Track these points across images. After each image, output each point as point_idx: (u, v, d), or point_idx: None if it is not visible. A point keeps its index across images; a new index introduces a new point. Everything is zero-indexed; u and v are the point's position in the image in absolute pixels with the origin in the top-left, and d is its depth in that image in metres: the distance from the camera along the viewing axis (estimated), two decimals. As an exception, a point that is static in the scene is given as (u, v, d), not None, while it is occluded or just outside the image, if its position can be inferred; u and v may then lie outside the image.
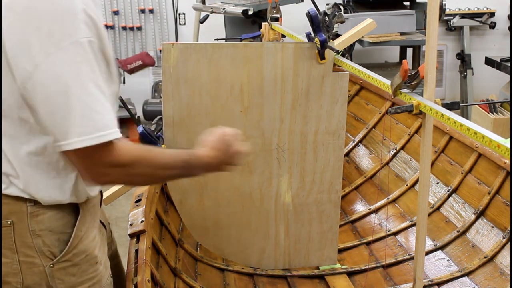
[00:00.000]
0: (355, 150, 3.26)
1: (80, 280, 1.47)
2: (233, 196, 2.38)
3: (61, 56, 1.23)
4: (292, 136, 2.32)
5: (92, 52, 1.26)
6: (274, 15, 3.06)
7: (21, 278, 1.41)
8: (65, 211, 1.45)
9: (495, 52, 5.47)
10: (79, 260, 1.47)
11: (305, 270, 2.49)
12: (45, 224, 1.41)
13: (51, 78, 1.23)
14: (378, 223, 2.82)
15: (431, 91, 1.67)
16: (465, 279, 2.30)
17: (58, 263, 1.43)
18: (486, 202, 2.44)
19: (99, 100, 1.27)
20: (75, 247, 1.45)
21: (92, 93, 1.26)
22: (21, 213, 1.39)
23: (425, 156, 1.74)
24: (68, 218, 1.45)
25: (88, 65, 1.26)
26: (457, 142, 2.70)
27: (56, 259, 1.43)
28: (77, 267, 1.46)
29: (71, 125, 1.25)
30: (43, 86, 1.24)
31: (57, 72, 1.23)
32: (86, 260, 1.48)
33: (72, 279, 1.45)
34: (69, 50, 1.23)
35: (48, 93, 1.24)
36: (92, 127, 1.26)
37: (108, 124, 1.28)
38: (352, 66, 2.15)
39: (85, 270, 1.48)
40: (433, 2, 1.61)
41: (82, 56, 1.24)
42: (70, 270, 1.45)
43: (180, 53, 2.16)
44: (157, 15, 5.60)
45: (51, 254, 1.43)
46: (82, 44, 1.24)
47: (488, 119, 4.55)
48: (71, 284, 1.46)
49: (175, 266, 2.15)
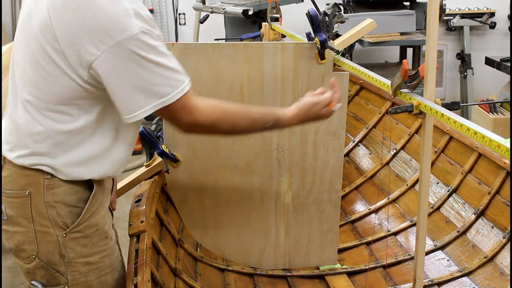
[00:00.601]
0: (355, 150, 3.26)
1: (91, 252, 1.56)
2: (233, 196, 2.38)
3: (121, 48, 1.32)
4: (292, 136, 2.32)
5: (148, 38, 1.35)
6: (274, 15, 3.06)
7: (36, 246, 1.52)
8: (79, 187, 1.53)
9: (495, 52, 5.47)
10: (90, 232, 1.55)
11: (305, 270, 2.49)
12: (59, 197, 1.50)
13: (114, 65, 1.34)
14: (378, 223, 2.82)
15: (431, 91, 1.67)
16: (465, 279, 2.30)
17: (70, 233, 1.52)
18: (486, 202, 2.44)
19: (165, 63, 1.38)
20: (86, 219, 1.54)
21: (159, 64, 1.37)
22: (38, 184, 1.49)
23: (425, 156, 1.74)
24: (81, 194, 1.54)
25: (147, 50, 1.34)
26: (457, 142, 2.70)
27: (69, 229, 1.52)
28: (88, 239, 1.55)
29: (146, 96, 1.38)
30: (108, 68, 1.35)
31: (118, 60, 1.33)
32: (97, 234, 1.57)
33: (83, 249, 1.54)
34: (124, 43, 1.32)
35: (115, 74, 1.35)
36: (169, 87, 1.39)
37: (179, 79, 1.41)
38: (352, 66, 2.15)
39: (95, 243, 1.57)
40: (433, 2, 1.61)
41: (138, 47, 1.33)
42: (81, 241, 1.54)
43: (180, 53, 2.16)
44: (157, 15, 5.60)
45: (64, 224, 1.52)
46: (136, 38, 1.33)
47: (488, 119, 4.55)
48: (82, 254, 1.55)
49: (175, 266, 2.15)
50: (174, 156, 2.26)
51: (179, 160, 2.28)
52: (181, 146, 2.27)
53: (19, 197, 1.49)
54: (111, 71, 1.34)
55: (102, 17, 1.31)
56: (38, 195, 1.49)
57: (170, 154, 2.24)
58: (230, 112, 1.54)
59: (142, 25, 1.34)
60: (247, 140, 2.31)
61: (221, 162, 2.32)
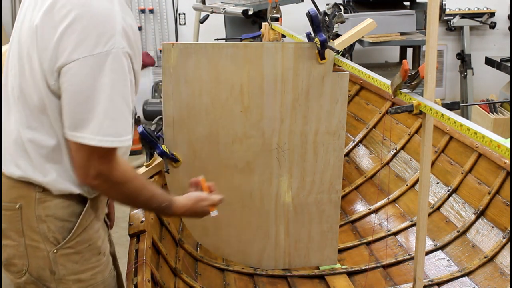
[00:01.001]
0: (355, 150, 3.26)
1: (83, 268, 1.52)
2: (233, 196, 2.38)
3: (96, 60, 1.31)
4: (292, 136, 2.32)
5: (126, 63, 1.35)
6: (274, 15, 3.06)
7: (27, 261, 1.48)
8: (72, 200, 1.49)
9: (495, 52, 5.47)
10: (82, 248, 1.51)
11: (305, 270, 2.49)
12: (51, 211, 1.46)
13: (83, 76, 1.31)
14: (378, 223, 2.82)
15: (431, 91, 1.67)
16: (465, 279, 2.30)
17: (62, 249, 1.48)
18: (486, 202, 2.44)
19: (120, 108, 1.36)
20: (78, 235, 1.50)
21: (116, 101, 1.34)
22: (29, 198, 1.45)
23: (425, 156, 1.74)
24: (74, 208, 1.50)
25: (120, 74, 1.34)
26: (457, 142, 2.70)
27: (60, 245, 1.48)
28: (80, 255, 1.51)
29: (89, 121, 1.32)
30: (74, 78, 1.32)
31: (89, 73, 1.31)
32: (89, 249, 1.53)
33: (75, 266, 1.50)
34: (102, 57, 1.31)
35: (78, 86, 1.32)
36: (106, 131, 1.33)
37: (120, 133, 1.36)
38: (352, 66, 2.15)
39: (87, 259, 1.53)
40: (433, 2, 1.61)
41: (114, 65, 1.32)
42: (72, 257, 1.50)
43: (180, 53, 2.16)
44: (157, 15, 5.60)
45: (55, 240, 1.48)
46: (116, 54, 1.32)
47: (488, 119, 4.55)
48: (73, 271, 1.50)
49: (175, 266, 2.15)
50: (174, 156, 2.26)
51: (179, 160, 2.28)
52: (181, 146, 2.27)
53: (10, 209, 1.46)
54: (76, 81, 1.32)
55: (92, 24, 1.31)
56: (29, 209, 1.45)
57: (170, 154, 2.24)
58: (139, 179, 1.50)
59: (125, 45, 1.34)
60: (247, 140, 2.31)
61: (221, 162, 2.32)
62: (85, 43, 1.30)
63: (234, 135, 2.29)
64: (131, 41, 1.36)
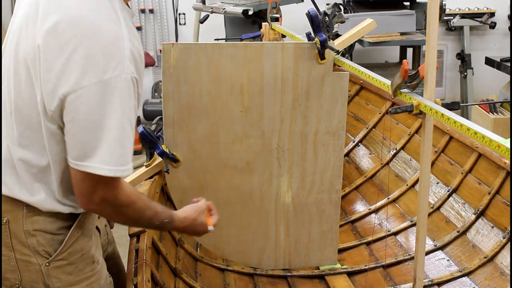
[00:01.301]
0: (355, 150, 3.26)
1: (78, 279, 1.48)
2: (233, 196, 2.38)
3: (105, 86, 1.26)
4: (292, 136, 2.32)
5: (133, 88, 1.31)
6: (274, 15, 3.06)
7: (19, 275, 1.43)
8: (61, 214, 1.45)
9: (495, 52, 5.47)
10: (75, 259, 1.48)
11: (305, 270, 2.49)
12: (39, 225, 1.42)
13: (92, 103, 1.26)
14: (378, 223, 2.82)
15: (431, 91, 1.67)
16: (465, 279, 2.30)
17: (54, 261, 1.44)
18: (486, 202, 2.44)
19: (128, 135, 1.32)
20: (70, 246, 1.46)
21: (125, 128, 1.30)
22: (16, 212, 1.41)
23: (425, 156, 1.74)
24: (63, 221, 1.46)
25: (127, 100, 1.30)
26: (457, 142, 2.70)
27: (51, 257, 1.44)
28: (73, 266, 1.47)
29: (98, 150, 1.28)
30: (83, 106, 1.27)
31: (99, 100, 1.26)
32: (82, 259, 1.49)
33: (69, 277, 1.46)
34: (112, 83, 1.26)
35: (87, 114, 1.27)
36: (115, 159, 1.30)
37: (128, 161, 1.33)
38: (352, 66, 2.15)
39: (81, 269, 1.49)
40: (433, 2, 1.61)
41: (123, 91, 1.28)
42: (66, 269, 1.46)
43: (180, 53, 2.16)
44: (157, 15, 5.60)
45: (46, 253, 1.44)
46: (125, 79, 1.28)
47: (488, 119, 4.55)
48: (68, 283, 1.47)
49: (175, 266, 2.15)
50: (174, 156, 2.26)
51: (179, 160, 2.28)
52: (181, 146, 2.27)
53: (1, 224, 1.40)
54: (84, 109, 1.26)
55: (100, 48, 1.26)
56: (17, 224, 1.40)
57: (170, 154, 2.24)
58: (142, 200, 1.47)
59: (133, 70, 1.30)
60: (247, 140, 2.31)
61: (221, 162, 2.32)
62: (94, 68, 1.25)
63: (234, 135, 2.29)
64: (138, 65, 1.33)
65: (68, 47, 1.25)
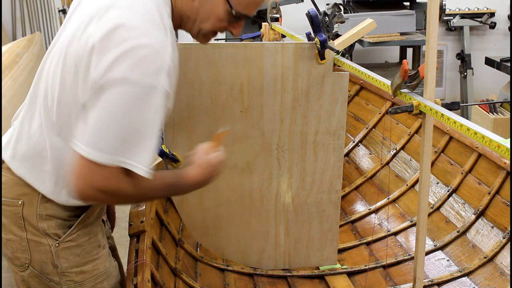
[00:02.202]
0: (355, 150, 3.26)
1: (84, 261, 1.55)
2: (233, 196, 2.38)
3: (143, 90, 1.29)
4: (292, 136, 2.32)
5: (165, 101, 1.34)
6: (274, 15, 3.06)
7: (29, 255, 1.51)
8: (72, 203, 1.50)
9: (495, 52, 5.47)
10: (83, 241, 1.55)
11: (305, 270, 2.49)
12: (52, 211, 1.49)
13: (130, 102, 1.29)
14: (378, 223, 2.82)
15: (431, 91, 1.67)
16: (465, 279, 2.30)
17: (63, 242, 1.51)
18: (486, 202, 2.44)
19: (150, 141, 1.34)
20: (80, 229, 1.53)
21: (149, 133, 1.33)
22: (33, 196, 1.47)
23: (425, 156, 1.74)
24: (74, 210, 1.52)
25: (159, 109, 1.33)
26: (457, 142, 2.70)
27: (61, 238, 1.51)
28: (81, 248, 1.54)
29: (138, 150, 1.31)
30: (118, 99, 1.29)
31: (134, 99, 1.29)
32: (89, 243, 1.56)
33: (77, 259, 1.54)
34: (150, 89, 1.29)
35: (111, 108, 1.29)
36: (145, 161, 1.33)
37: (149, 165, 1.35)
38: (352, 66, 2.15)
39: (89, 252, 1.56)
40: (433, 2, 1.61)
41: (157, 100, 1.31)
42: (74, 250, 1.53)
43: (180, 53, 2.14)
44: (157, 15, 5.59)
45: (56, 235, 1.51)
46: (161, 91, 1.31)
47: (488, 119, 4.55)
48: (75, 264, 1.54)
49: (175, 266, 2.15)
50: (174, 156, 2.26)
51: (179, 160, 2.28)
52: (181, 146, 2.27)
53: (12, 205, 1.48)
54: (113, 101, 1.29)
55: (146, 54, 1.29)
56: (31, 207, 1.48)
57: (170, 154, 2.24)
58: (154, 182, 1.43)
59: (168, 85, 1.33)
60: (247, 140, 2.31)
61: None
62: (138, 70, 1.28)
63: (234, 135, 2.29)
64: (172, 82, 1.36)
65: (119, 48, 1.28)
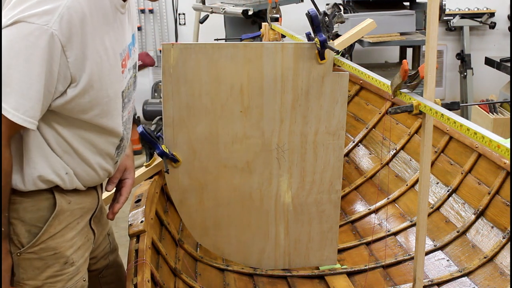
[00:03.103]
0: (355, 150, 3.26)
1: (43, 275, 1.49)
2: (233, 196, 2.38)
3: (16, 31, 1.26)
4: (292, 136, 2.32)
5: (52, 46, 1.28)
6: (274, 15, 3.06)
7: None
8: (41, 205, 1.46)
9: (495, 52, 5.47)
10: (46, 255, 1.48)
11: (305, 270, 2.49)
12: (18, 214, 1.43)
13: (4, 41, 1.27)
14: (378, 223, 2.82)
15: (431, 91, 1.67)
16: (465, 279, 2.30)
17: (25, 253, 1.45)
18: (486, 202, 2.44)
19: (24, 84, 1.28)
20: (44, 241, 1.47)
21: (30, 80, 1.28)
22: None
23: (425, 156, 1.74)
24: (43, 213, 1.46)
25: (39, 54, 1.27)
26: (457, 142, 2.70)
27: (23, 248, 1.45)
28: (43, 262, 1.48)
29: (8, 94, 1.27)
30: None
31: (8, 43, 1.26)
32: (54, 258, 1.49)
33: (35, 272, 1.47)
34: (28, 28, 1.26)
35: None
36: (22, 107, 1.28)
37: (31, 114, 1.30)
38: (352, 66, 2.15)
39: (50, 266, 1.49)
40: (433, 2, 1.61)
41: (38, 42, 1.26)
42: (35, 263, 1.47)
43: (180, 53, 2.16)
44: (157, 15, 5.60)
45: (19, 243, 1.45)
46: (45, 32, 1.26)
47: (488, 119, 4.55)
48: (32, 277, 1.47)
49: (175, 266, 2.15)
50: (174, 156, 2.26)
51: (179, 160, 2.28)
52: (181, 146, 2.27)
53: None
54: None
55: None
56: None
57: (170, 154, 2.24)
58: None
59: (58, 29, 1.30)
60: (247, 140, 2.31)
61: (221, 162, 2.32)
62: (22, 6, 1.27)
63: (234, 135, 2.29)
64: (73, 30, 1.31)
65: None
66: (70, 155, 1.47)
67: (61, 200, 1.49)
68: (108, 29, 1.43)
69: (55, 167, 1.45)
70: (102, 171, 1.58)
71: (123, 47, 1.52)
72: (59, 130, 1.43)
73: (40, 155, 1.43)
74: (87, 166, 1.52)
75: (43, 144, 1.43)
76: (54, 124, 1.42)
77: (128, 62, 1.57)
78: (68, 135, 1.44)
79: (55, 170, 1.45)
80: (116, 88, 1.49)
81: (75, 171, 1.49)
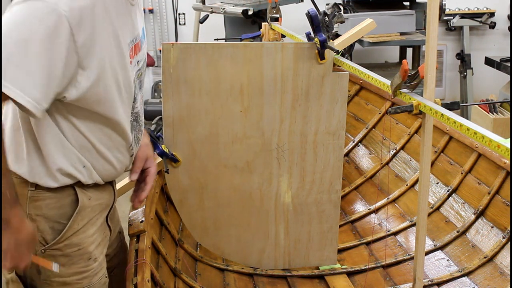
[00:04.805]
0: (355, 150, 3.26)
1: (69, 272, 1.49)
2: (233, 196, 2.38)
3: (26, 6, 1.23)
4: (292, 136, 2.32)
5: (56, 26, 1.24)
6: (274, 15, 3.06)
7: None
8: (64, 201, 1.46)
9: (495, 52, 5.47)
10: (71, 251, 1.48)
11: (305, 270, 2.49)
12: (42, 211, 1.44)
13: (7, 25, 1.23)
14: (378, 223, 2.82)
15: (431, 91, 1.67)
16: (465, 279, 2.30)
17: (49, 250, 1.45)
18: (486, 202, 2.44)
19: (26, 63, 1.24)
20: (68, 238, 1.47)
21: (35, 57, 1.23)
22: (22, 195, 1.41)
23: (425, 156, 1.74)
24: (66, 210, 1.47)
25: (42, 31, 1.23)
26: (457, 142, 2.70)
27: (48, 245, 1.45)
28: (67, 258, 1.48)
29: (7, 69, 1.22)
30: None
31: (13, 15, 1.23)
32: (78, 254, 1.50)
33: (61, 269, 1.47)
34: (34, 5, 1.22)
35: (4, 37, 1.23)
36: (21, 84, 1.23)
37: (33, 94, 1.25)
38: (352, 66, 2.15)
39: (75, 263, 1.50)
40: (433, 2, 1.61)
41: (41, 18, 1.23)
42: (60, 260, 1.47)
43: (180, 53, 2.16)
44: (157, 15, 5.60)
45: (44, 240, 1.45)
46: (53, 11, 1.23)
47: (488, 119, 4.55)
48: (58, 273, 1.47)
49: (175, 266, 2.15)
50: (174, 156, 2.26)
51: (179, 160, 2.28)
52: (181, 146, 2.27)
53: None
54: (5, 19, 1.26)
55: None
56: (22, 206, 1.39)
57: (170, 154, 2.24)
58: None
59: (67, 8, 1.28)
60: (247, 140, 2.31)
61: (221, 162, 2.32)
62: None
63: (234, 135, 2.29)
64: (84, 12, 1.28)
65: None
66: (87, 149, 1.47)
67: (82, 196, 1.49)
68: (118, 17, 1.41)
69: (72, 160, 1.45)
70: (119, 164, 1.58)
71: (131, 37, 1.50)
72: (76, 124, 1.42)
73: (57, 148, 1.42)
74: (103, 160, 1.52)
75: (61, 137, 1.42)
76: (71, 117, 1.41)
77: (139, 54, 1.55)
78: (85, 129, 1.44)
79: (72, 163, 1.45)
80: (126, 76, 1.47)
81: (93, 165, 1.49)
